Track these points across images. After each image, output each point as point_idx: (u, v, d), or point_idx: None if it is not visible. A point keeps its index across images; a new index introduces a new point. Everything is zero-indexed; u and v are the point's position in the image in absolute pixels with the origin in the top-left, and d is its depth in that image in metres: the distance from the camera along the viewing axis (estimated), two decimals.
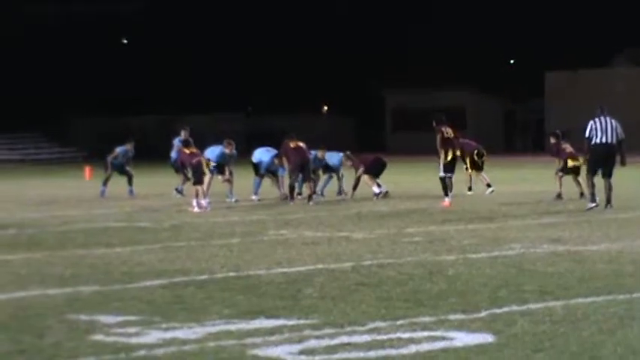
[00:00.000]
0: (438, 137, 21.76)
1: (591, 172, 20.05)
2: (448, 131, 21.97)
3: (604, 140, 19.93)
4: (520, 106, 75.81)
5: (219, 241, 15.27)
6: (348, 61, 76.49)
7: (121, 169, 26.82)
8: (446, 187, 21.83)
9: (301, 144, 23.43)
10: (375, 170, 24.61)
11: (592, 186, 19.92)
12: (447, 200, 21.55)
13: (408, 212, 20.13)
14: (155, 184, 30.37)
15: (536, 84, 71.75)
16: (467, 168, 25.39)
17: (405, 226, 17.05)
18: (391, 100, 75.93)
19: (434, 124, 22.06)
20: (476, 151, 25.44)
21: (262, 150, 24.99)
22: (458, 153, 22.29)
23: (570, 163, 23.34)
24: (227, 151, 23.60)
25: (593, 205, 19.70)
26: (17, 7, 70.76)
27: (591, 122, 20.18)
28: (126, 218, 19.62)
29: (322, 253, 13.51)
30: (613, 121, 20.23)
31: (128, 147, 27.05)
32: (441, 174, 21.93)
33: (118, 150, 26.93)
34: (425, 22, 76.64)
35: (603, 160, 19.98)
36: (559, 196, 22.88)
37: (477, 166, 25.38)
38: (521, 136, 74.87)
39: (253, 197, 24.07)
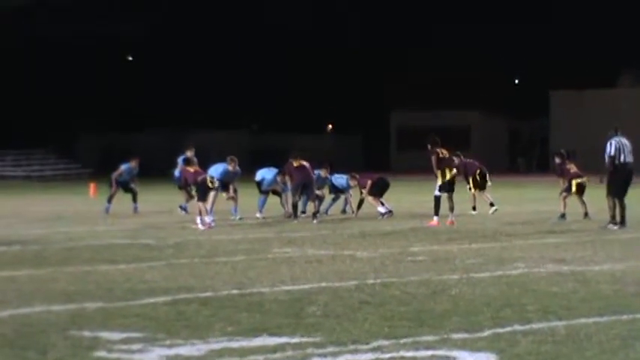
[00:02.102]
0: (434, 159, 21.95)
1: (617, 193, 20.11)
2: (443, 152, 22.12)
3: (628, 160, 20.17)
4: (525, 126, 75.87)
5: (222, 258, 15.29)
6: (354, 82, 76.66)
7: (125, 187, 26.87)
8: (438, 206, 21.77)
9: (305, 163, 23.51)
10: (379, 190, 24.65)
11: (615, 207, 20.00)
12: (435, 219, 21.54)
13: (412, 231, 20.14)
14: (159, 202, 30.41)
15: (541, 103, 71.85)
16: (470, 188, 25.42)
17: (409, 245, 17.06)
18: (396, 119, 76.03)
19: (429, 147, 22.10)
20: (478, 171, 25.49)
21: (265, 169, 25.17)
22: (455, 172, 22.30)
23: (575, 183, 23.37)
24: (230, 168, 23.65)
25: (616, 227, 19.80)
26: (27, 27, 71.03)
27: (614, 141, 20.27)
28: (130, 235, 19.64)
29: (326, 272, 13.51)
30: (627, 141, 20.41)
31: (133, 164, 27.11)
32: (437, 193, 21.91)
33: (123, 167, 26.99)
34: (430, 42, 76.79)
35: (628, 179, 20.19)
36: (563, 216, 22.88)
37: (480, 186, 25.40)
38: (525, 155, 74.88)
39: (258, 215, 24.13)
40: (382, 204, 24.36)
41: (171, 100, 75.29)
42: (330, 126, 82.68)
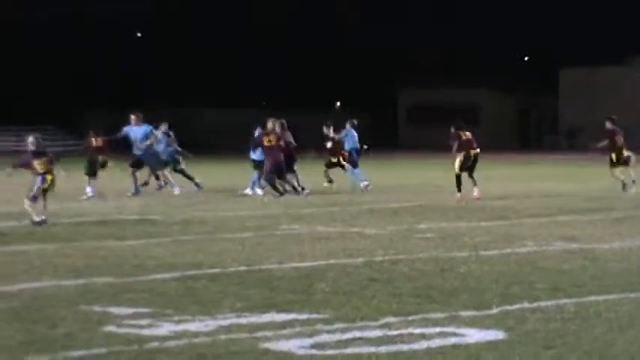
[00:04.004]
0: (456, 142, 22.23)
1: None
2: (466, 134, 22.54)
3: None
4: (534, 104, 75.66)
5: (230, 235, 15.30)
6: (362, 59, 76.46)
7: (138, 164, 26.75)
8: (460, 182, 21.99)
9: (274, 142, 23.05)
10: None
11: None
12: (459, 195, 21.68)
13: (420, 208, 20.12)
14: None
15: (551, 81, 71.59)
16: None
17: (417, 222, 17.04)
18: (405, 96, 75.86)
19: (452, 129, 22.43)
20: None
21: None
22: (477, 151, 22.50)
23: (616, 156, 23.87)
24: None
25: None
26: (35, 6, 70.96)
27: None
28: (138, 211, 19.66)
29: (334, 248, 13.52)
30: None
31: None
32: (458, 171, 22.11)
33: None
34: (440, 20, 76.51)
35: None
36: (624, 187, 23.43)
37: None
38: (536, 133, 74.71)
39: (259, 192, 23.78)
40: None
41: (181, 78, 75.20)
42: (339, 103, 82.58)
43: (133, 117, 24.96)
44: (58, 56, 71.95)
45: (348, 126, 26.79)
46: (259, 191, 23.88)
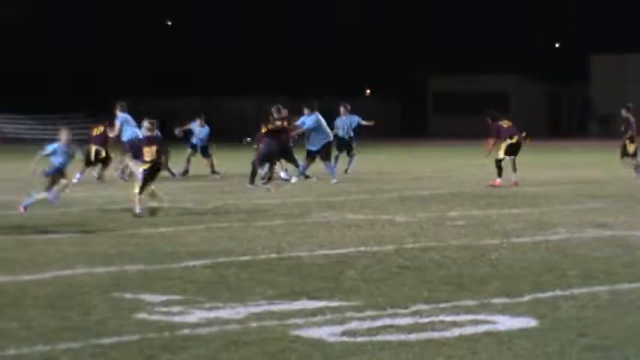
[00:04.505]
0: (498, 133, 22.44)
1: None
2: (506, 123, 22.77)
3: None
4: (565, 90, 75.15)
5: (261, 222, 15.32)
6: (392, 46, 76.21)
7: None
8: (500, 168, 22.25)
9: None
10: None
11: None
12: (498, 180, 21.91)
13: (450, 196, 20.06)
14: (200, 165, 30.46)
15: (582, 68, 71.05)
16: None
17: (448, 210, 16.99)
18: (434, 84, 75.61)
19: (489, 120, 22.69)
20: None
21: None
22: (518, 137, 22.61)
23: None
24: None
25: None
26: None
27: None
28: (170, 199, 19.73)
29: (365, 236, 13.51)
30: None
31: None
32: (500, 156, 22.26)
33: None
34: (470, 6, 76.12)
35: None
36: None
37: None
38: (568, 119, 74.25)
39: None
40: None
41: (212, 65, 75.27)
42: (368, 90, 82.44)
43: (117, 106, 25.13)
44: (86, 43, 72.22)
45: (342, 111, 26.28)
46: (294, 179, 23.76)
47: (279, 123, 22.92)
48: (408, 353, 7.14)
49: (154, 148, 16.58)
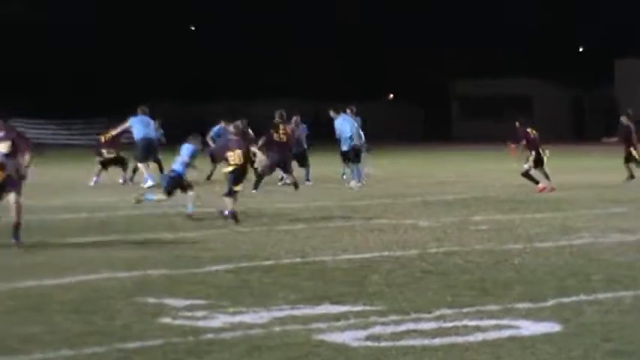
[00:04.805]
0: (524, 140, 22.23)
1: None
2: (534, 132, 22.51)
3: None
4: (588, 94, 74.84)
5: (284, 226, 15.34)
6: (414, 50, 76.14)
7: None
8: (532, 177, 22.10)
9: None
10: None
11: None
12: (541, 185, 21.82)
13: (474, 200, 20.01)
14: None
15: (606, 71, 70.74)
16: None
17: (472, 215, 16.96)
18: (457, 88, 75.48)
19: (517, 125, 22.54)
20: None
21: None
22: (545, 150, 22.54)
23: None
24: None
25: None
26: None
27: None
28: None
29: (388, 241, 13.50)
30: None
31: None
32: (526, 167, 22.17)
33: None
34: (491, 8, 75.95)
35: None
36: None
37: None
38: (591, 123, 73.94)
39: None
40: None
41: (236, 70, 75.45)
42: (392, 95, 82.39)
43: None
44: (112, 50, 72.54)
45: (348, 111, 25.32)
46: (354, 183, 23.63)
47: (281, 127, 22.95)
48: (431, 358, 7.14)
49: (239, 151, 16.45)
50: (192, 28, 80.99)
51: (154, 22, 74.11)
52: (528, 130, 22.53)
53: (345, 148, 24.26)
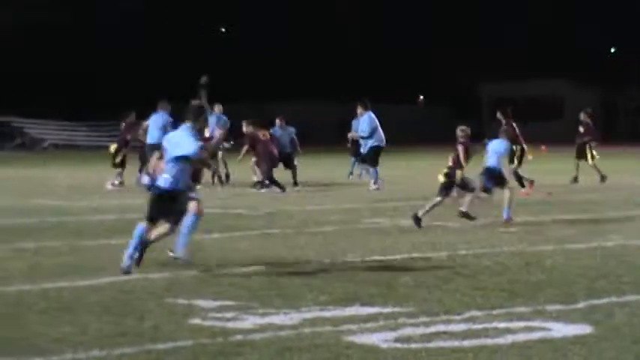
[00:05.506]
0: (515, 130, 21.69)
1: None
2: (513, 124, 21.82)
3: None
4: (620, 95, 74.35)
5: (313, 228, 15.35)
6: (444, 52, 75.96)
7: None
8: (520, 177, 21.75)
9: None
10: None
11: None
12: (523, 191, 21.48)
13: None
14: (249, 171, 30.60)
15: (637, 72, 70.30)
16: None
17: (501, 216, 16.87)
18: (487, 90, 75.23)
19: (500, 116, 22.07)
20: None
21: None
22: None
23: None
24: None
25: None
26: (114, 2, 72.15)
27: None
28: (222, 205, 19.84)
29: (417, 242, 13.48)
30: None
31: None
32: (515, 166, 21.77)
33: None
34: (522, 10, 75.63)
35: None
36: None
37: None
38: (623, 125, 73.49)
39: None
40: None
41: (262, 71, 75.55)
42: (422, 97, 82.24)
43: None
44: (134, 51, 72.82)
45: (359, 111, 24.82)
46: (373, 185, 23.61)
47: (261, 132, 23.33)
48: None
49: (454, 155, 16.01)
50: (223, 30, 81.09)
51: (178, 24, 74.22)
52: (514, 124, 21.81)
53: (364, 148, 24.14)
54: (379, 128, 24.15)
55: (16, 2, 68.34)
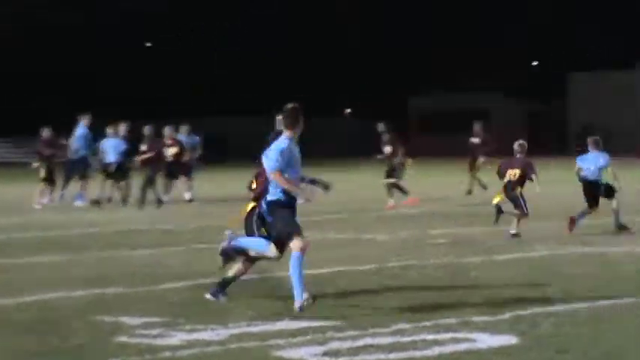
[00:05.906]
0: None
1: None
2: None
3: None
4: (544, 108, 75.53)
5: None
6: (372, 65, 76.41)
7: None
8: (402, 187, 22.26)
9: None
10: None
11: None
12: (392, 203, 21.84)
13: (432, 214, 20.09)
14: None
15: (560, 85, 71.49)
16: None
17: (430, 228, 17.01)
18: (415, 103, 75.86)
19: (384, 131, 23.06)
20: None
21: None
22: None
23: None
24: None
25: None
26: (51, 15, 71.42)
27: None
28: (150, 221, 19.68)
29: (346, 255, 13.50)
30: None
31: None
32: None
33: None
34: (447, 24, 76.43)
35: None
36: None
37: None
38: (546, 137, 74.64)
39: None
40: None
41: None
42: (348, 110, 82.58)
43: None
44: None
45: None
46: None
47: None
48: None
49: (517, 171, 16.12)
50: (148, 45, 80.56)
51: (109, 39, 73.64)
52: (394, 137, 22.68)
53: None
54: None
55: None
